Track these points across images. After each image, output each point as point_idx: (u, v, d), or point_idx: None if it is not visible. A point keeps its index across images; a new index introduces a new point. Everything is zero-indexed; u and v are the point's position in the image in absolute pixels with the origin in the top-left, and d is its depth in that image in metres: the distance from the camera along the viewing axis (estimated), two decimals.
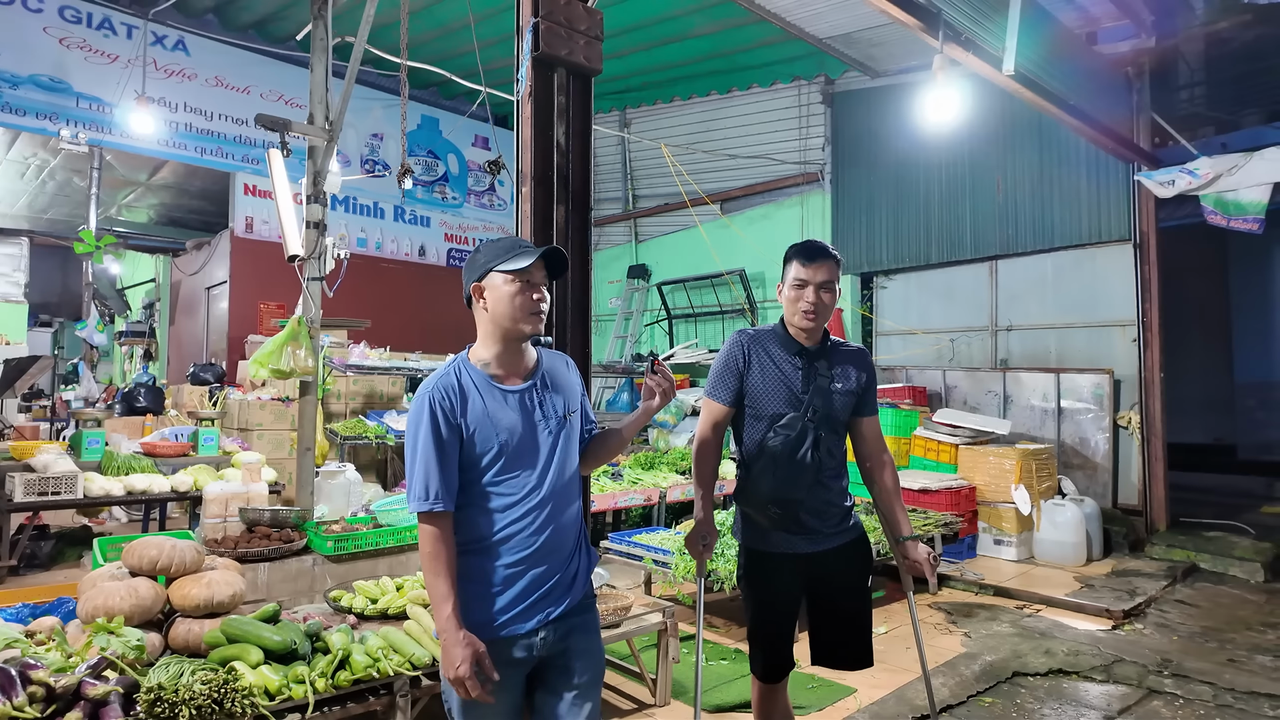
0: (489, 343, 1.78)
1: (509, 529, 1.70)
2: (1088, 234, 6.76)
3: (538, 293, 1.75)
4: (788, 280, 2.24)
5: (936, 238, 7.69)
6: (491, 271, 1.75)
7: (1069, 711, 3.33)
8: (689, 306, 10.17)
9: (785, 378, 2.22)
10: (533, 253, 1.74)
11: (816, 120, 8.70)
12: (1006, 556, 5.85)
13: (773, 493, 2.16)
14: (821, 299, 2.19)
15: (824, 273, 2.19)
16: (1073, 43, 6.00)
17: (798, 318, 2.21)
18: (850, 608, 2.34)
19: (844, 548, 2.28)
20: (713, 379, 2.31)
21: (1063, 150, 6.82)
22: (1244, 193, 5.97)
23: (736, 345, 2.28)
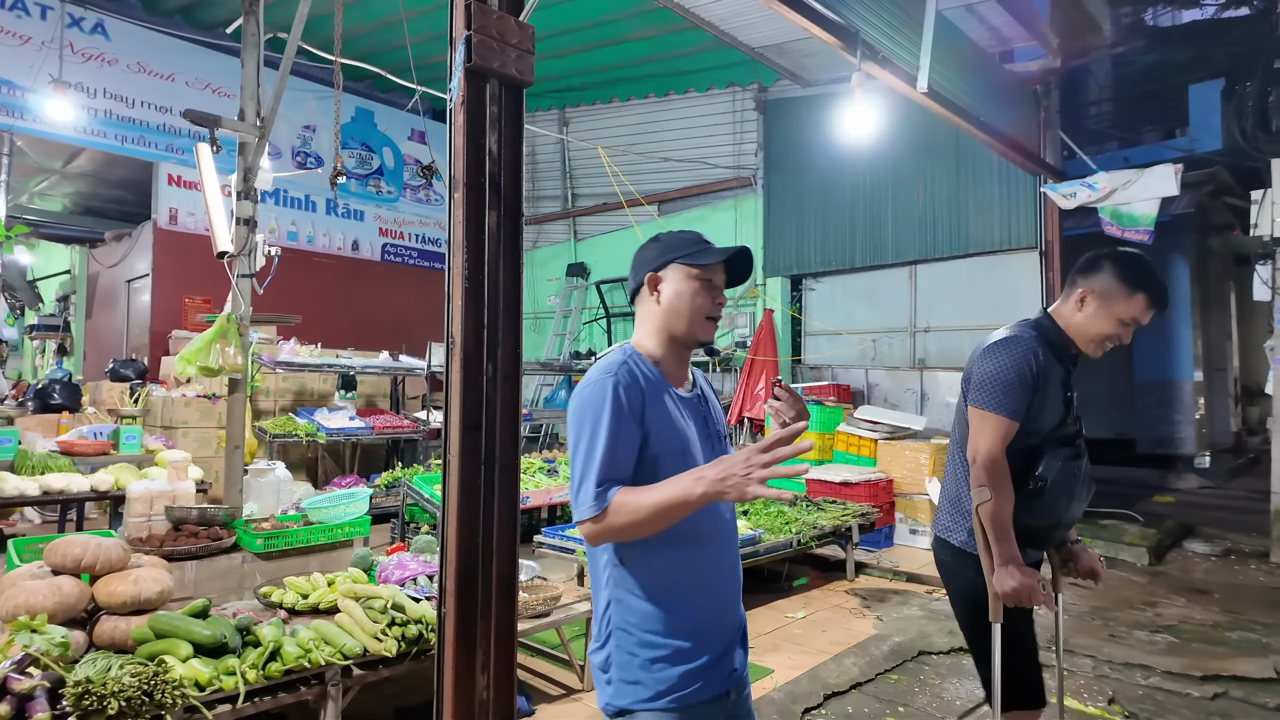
0: (656, 341, 1.57)
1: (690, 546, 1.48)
2: (999, 241, 7.20)
3: (719, 296, 1.57)
4: (1121, 311, 2.01)
5: (861, 242, 8.05)
6: (674, 263, 1.55)
7: (965, 685, 3.61)
8: (627, 305, 10.32)
9: (1063, 387, 2.07)
10: (722, 252, 1.55)
11: (750, 126, 8.96)
12: (921, 545, 6.20)
13: (1064, 513, 2.07)
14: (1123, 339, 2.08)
15: (1160, 312, 2.05)
16: (985, 61, 6.37)
17: (1102, 343, 2.07)
18: None
19: None
20: (1006, 388, 2.02)
21: (977, 162, 7.23)
22: (1136, 206, 6.45)
23: (1034, 351, 2.03)
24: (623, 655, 1.44)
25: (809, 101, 8.41)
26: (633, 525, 1.35)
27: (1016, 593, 1.94)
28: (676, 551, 1.46)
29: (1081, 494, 2.09)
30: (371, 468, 7.24)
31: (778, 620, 4.40)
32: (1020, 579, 1.94)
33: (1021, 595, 1.94)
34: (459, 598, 2.36)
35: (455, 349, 2.49)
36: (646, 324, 1.59)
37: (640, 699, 1.42)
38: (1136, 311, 2.01)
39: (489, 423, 2.51)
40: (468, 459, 2.43)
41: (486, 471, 2.49)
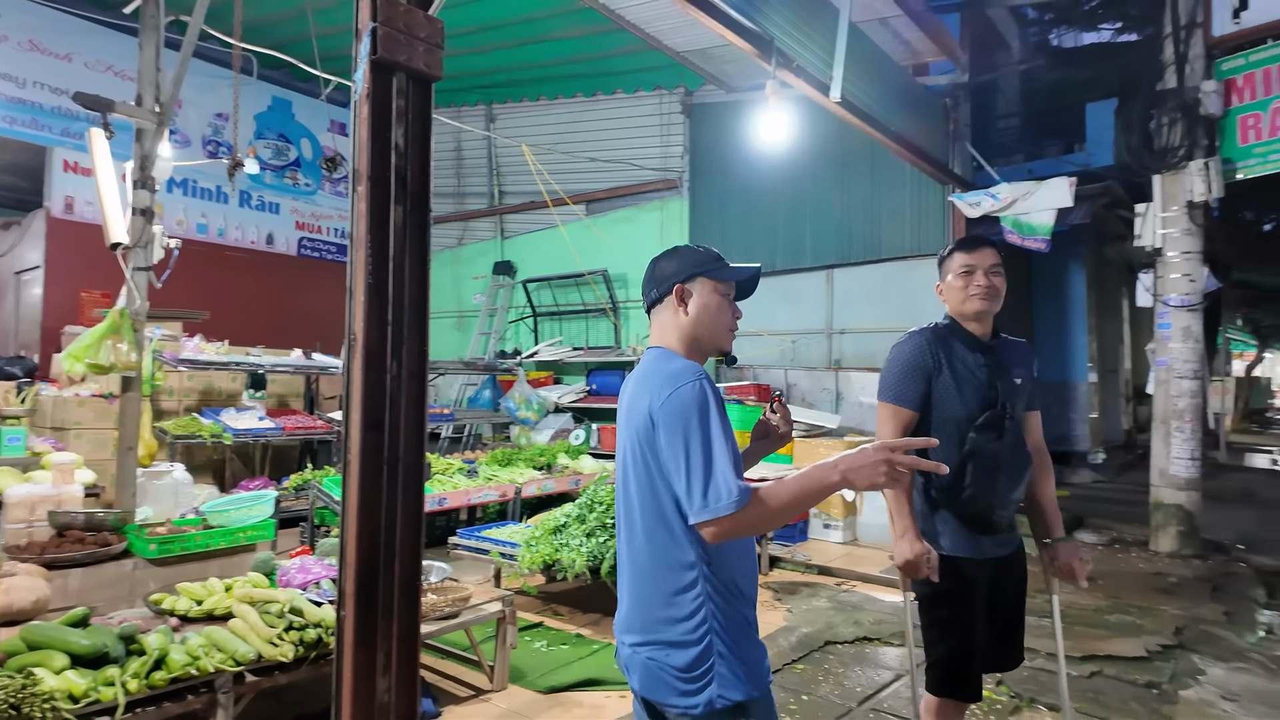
0: (684, 348, 1.64)
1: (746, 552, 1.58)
2: (910, 247, 7.50)
3: (738, 310, 1.69)
4: (952, 271, 2.20)
5: (782, 246, 8.26)
6: (701, 277, 1.62)
7: (868, 672, 3.76)
8: (554, 304, 10.29)
9: (976, 374, 2.17)
10: (746, 270, 1.67)
11: (676, 129, 9.07)
12: (834, 539, 6.40)
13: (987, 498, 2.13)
14: (993, 281, 2.16)
15: (990, 257, 2.18)
16: (897, 73, 6.63)
17: (973, 303, 2.17)
18: (1021, 606, 2.33)
19: (1020, 548, 2.32)
20: (895, 382, 2.21)
21: (891, 171, 7.51)
22: (1035, 216, 6.84)
23: (924, 343, 2.20)
24: (728, 652, 1.48)
25: (732, 106, 8.57)
26: (775, 516, 1.41)
27: (908, 563, 2.07)
28: (742, 553, 1.56)
29: (1009, 475, 2.16)
30: (284, 470, 7.00)
31: None
32: (910, 550, 2.07)
33: (909, 566, 2.07)
34: (359, 600, 2.32)
35: (356, 346, 2.44)
36: (671, 332, 1.64)
37: (751, 690, 1.48)
38: (962, 261, 2.19)
39: (393, 422, 2.47)
40: (369, 459, 2.39)
41: (389, 472, 2.46)
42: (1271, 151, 6.01)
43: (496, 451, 6.92)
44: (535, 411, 8.65)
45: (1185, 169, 6.09)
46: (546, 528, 4.37)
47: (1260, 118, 6.07)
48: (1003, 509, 2.19)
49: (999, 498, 2.16)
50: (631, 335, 9.46)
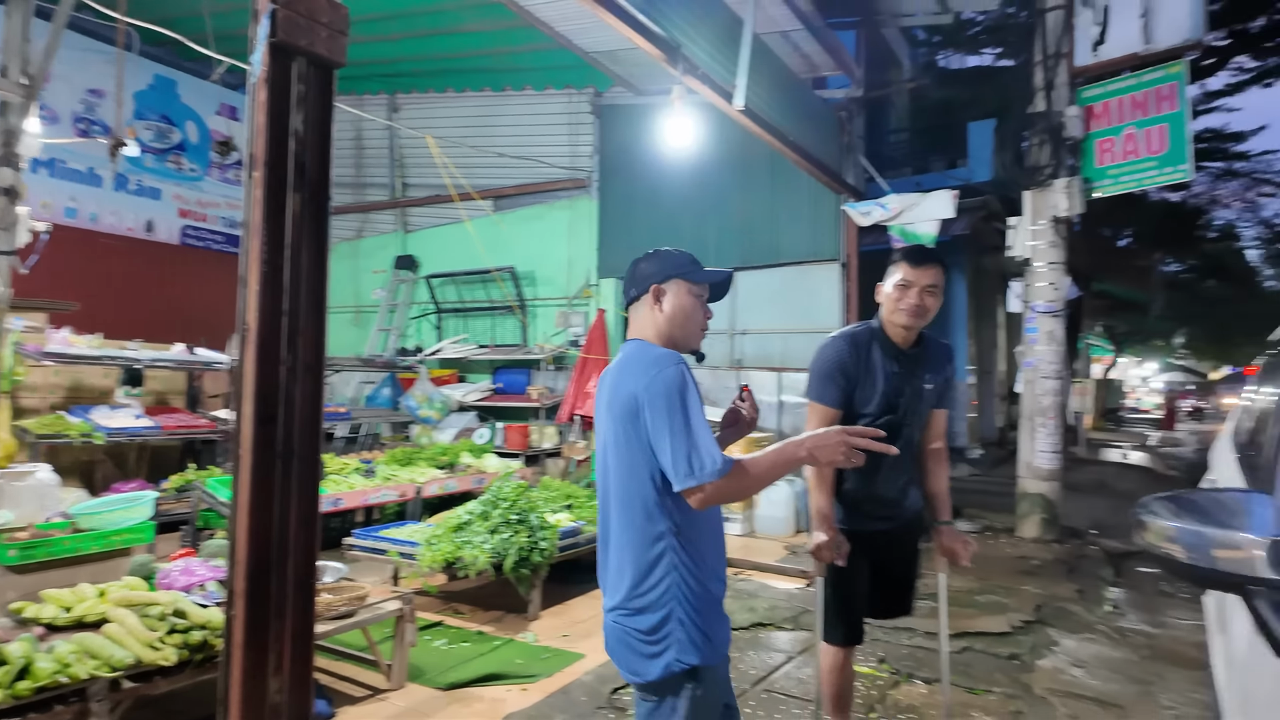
0: (659, 343, 1.76)
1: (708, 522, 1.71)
2: (807, 253, 7.84)
3: (709, 313, 1.83)
4: (892, 281, 2.32)
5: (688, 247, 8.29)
6: (676, 278, 1.77)
7: (761, 655, 3.93)
8: (459, 301, 10.12)
9: (886, 381, 2.36)
10: (719, 274, 1.83)
11: (586, 129, 9.11)
12: (733, 531, 6.61)
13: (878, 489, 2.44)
14: (925, 301, 2.29)
15: (930, 276, 2.28)
16: (797, 85, 6.92)
17: (899, 316, 2.31)
18: (911, 572, 2.67)
19: (910, 524, 2.58)
20: (816, 383, 2.40)
21: (790, 178, 7.80)
22: (920, 226, 7.28)
23: (844, 348, 2.37)
24: (688, 619, 1.62)
25: (641, 109, 8.68)
26: (754, 482, 1.61)
27: (817, 547, 2.38)
28: (710, 531, 1.72)
29: (887, 474, 2.43)
30: (164, 472, 6.57)
31: (594, 608, 4.54)
32: (818, 538, 2.37)
33: (818, 550, 2.38)
34: (250, 598, 2.26)
35: (250, 337, 2.38)
36: (648, 328, 1.79)
37: (708, 657, 1.63)
38: (904, 274, 2.32)
39: (287, 416, 2.42)
40: (262, 453, 2.33)
41: (283, 467, 2.40)
42: (1123, 173, 6.65)
43: (396, 451, 6.76)
44: (438, 410, 8.49)
45: (1052, 186, 6.65)
46: (448, 526, 4.33)
47: (1114, 142, 6.70)
48: (880, 498, 2.50)
49: (876, 490, 2.49)
50: (539, 333, 9.44)
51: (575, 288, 9.13)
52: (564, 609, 4.49)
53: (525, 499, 4.43)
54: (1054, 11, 6.87)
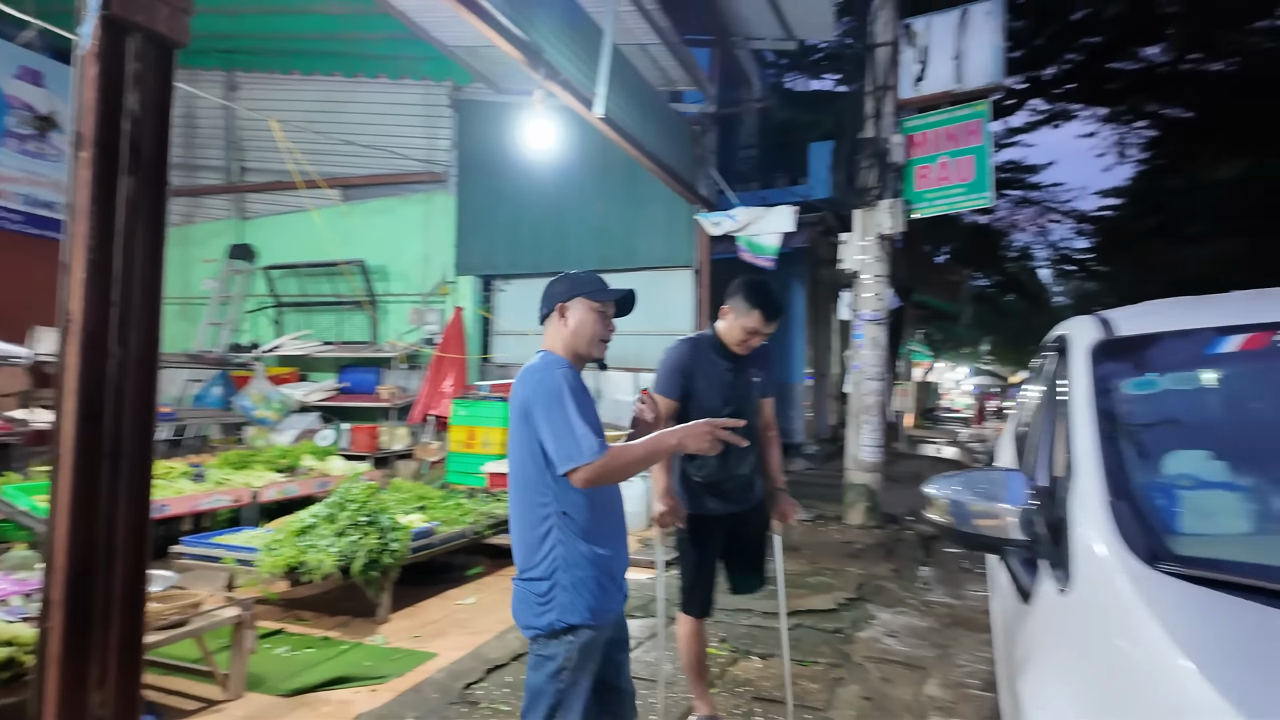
0: (566, 354, 2.08)
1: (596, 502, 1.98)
2: (663, 259, 8.15)
3: (611, 325, 2.14)
4: (744, 323, 2.72)
5: (548, 249, 8.52)
6: (580, 297, 2.07)
7: None
8: (302, 295, 9.59)
9: (721, 379, 2.78)
10: (617, 292, 2.12)
11: (444, 123, 8.95)
12: None
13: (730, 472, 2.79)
14: (759, 343, 2.80)
15: (773, 328, 2.76)
16: (654, 97, 7.20)
17: (738, 347, 2.78)
18: (761, 551, 3.07)
19: (758, 507, 2.96)
20: (661, 378, 2.77)
21: (647, 186, 8.07)
22: (764, 237, 7.80)
23: (686, 351, 2.81)
24: (570, 584, 1.92)
25: (503, 107, 8.66)
26: (630, 464, 1.91)
27: (662, 514, 2.73)
28: (601, 507, 2.00)
29: (734, 459, 2.80)
30: None
31: (447, 608, 4.52)
32: (659, 507, 2.73)
33: (661, 518, 2.73)
34: (69, 608, 2.13)
35: (73, 328, 2.24)
36: (556, 340, 2.10)
37: (586, 618, 1.92)
38: (756, 323, 2.73)
39: (115, 413, 2.29)
40: (85, 453, 2.20)
41: (111, 467, 2.27)
42: (937, 197, 7.47)
43: (229, 454, 6.34)
44: (276, 410, 8.01)
45: (878, 206, 7.35)
46: (291, 530, 4.16)
47: (930, 169, 7.51)
48: (729, 482, 2.86)
49: (725, 475, 2.85)
50: (390, 330, 9.15)
51: (431, 284, 8.94)
52: (415, 610, 4.43)
53: (376, 500, 4.34)
54: (882, 48, 7.59)
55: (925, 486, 1.91)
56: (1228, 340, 1.75)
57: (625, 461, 1.89)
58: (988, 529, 1.72)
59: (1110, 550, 1.28)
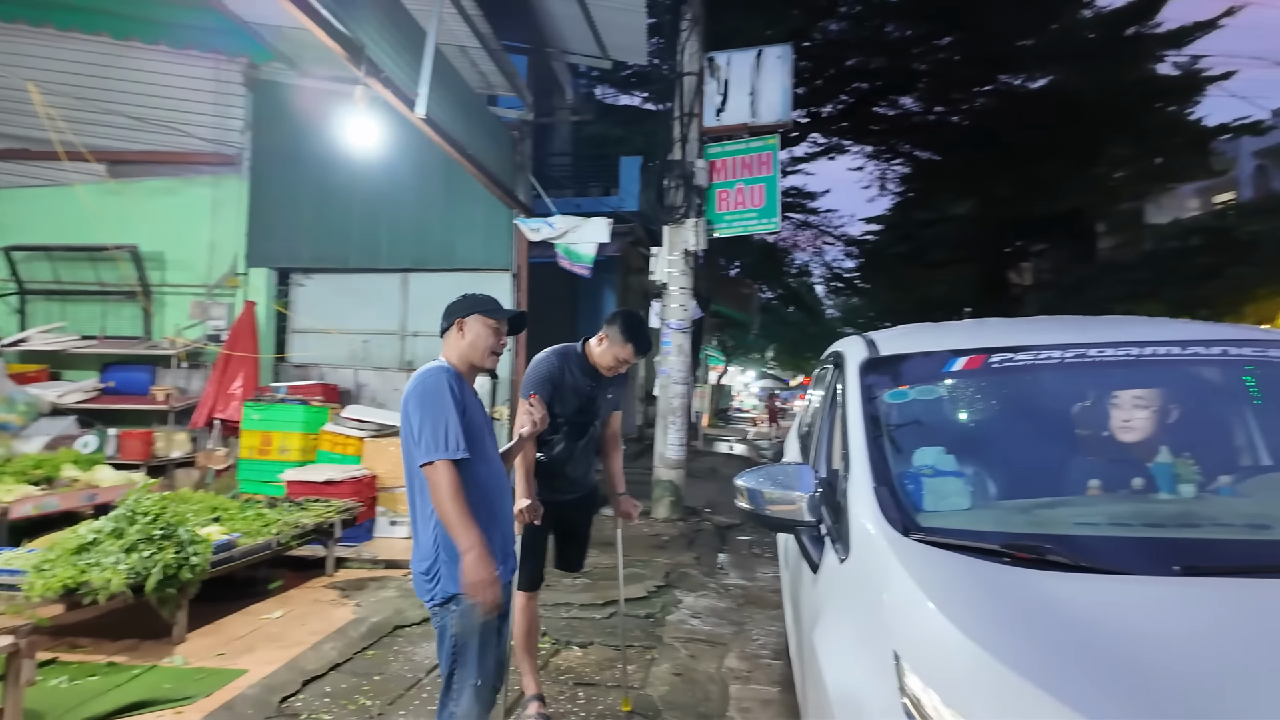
0: (459, 363, 2.38)
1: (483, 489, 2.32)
2: (482, 261, 8.16)
3: (502, 340, 2.43)
4: (617, 352, 3.02)
5: (357, 245, 8.17)
6: (477, 314, 2.38)
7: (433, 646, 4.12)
8: (55, 281, 8.38)
9: (581, 394, 3.05)
10: (509, 312, 2.43)
11: (236, 101, 8.25)
12: (399, 534, 6.61)
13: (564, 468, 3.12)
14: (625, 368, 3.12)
15: (639, 358, 3.07)
16: (475, 101, 7.22)
17: (608, 371, 3.07)
18: (583, 533, 3.42)
19: (588, 495, 3.33)
20: (532, 386, 2.97)
21: (465, 187, 8.01)
22: (581, 246, 8.07)
23: (555, 363, 3.03)
24: (450, 559, 2.23)
25: (310, 92, 8.16)
26: (441, 502, 2.18)
27: (519, 511, 2.92)
28: (477, 494, 2.27)
29: (579, 459, 3.17)
30: None
31: (253, 624, 4.28)
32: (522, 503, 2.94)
33: (520, 514, 2.92)
34: None
35: None
36: (453, 352, 2.41)
37: None
38: (628, 355, 3.06)
39: None
40: None
41: None
42: (735, 219, 8.22)
43: None
44: (20, 413, 6.97)
45: (685, 224, 7.93)
46: (66, 548, 3.72)
47: (728, 194, 8.24)
48: (570, 477, 3.21)
49: (568, 471, 3.19)
50: (168, 324, 8.27)
51: (218, 275, 8.21)
52: (216, 628, 4.15)
53: (173, 512, 4.01)
54: (689, 77, 8.20)
55: (736, 479, 2.26)
56: (957, 361, 2.27)
57: (443, 497, 2.17)
58: (785, 513, 2.10)
59: (875, 525, 1.66)
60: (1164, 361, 2.14)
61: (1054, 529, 1.59)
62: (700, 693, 3.62)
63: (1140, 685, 1.06)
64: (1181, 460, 1.83)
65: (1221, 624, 1.18)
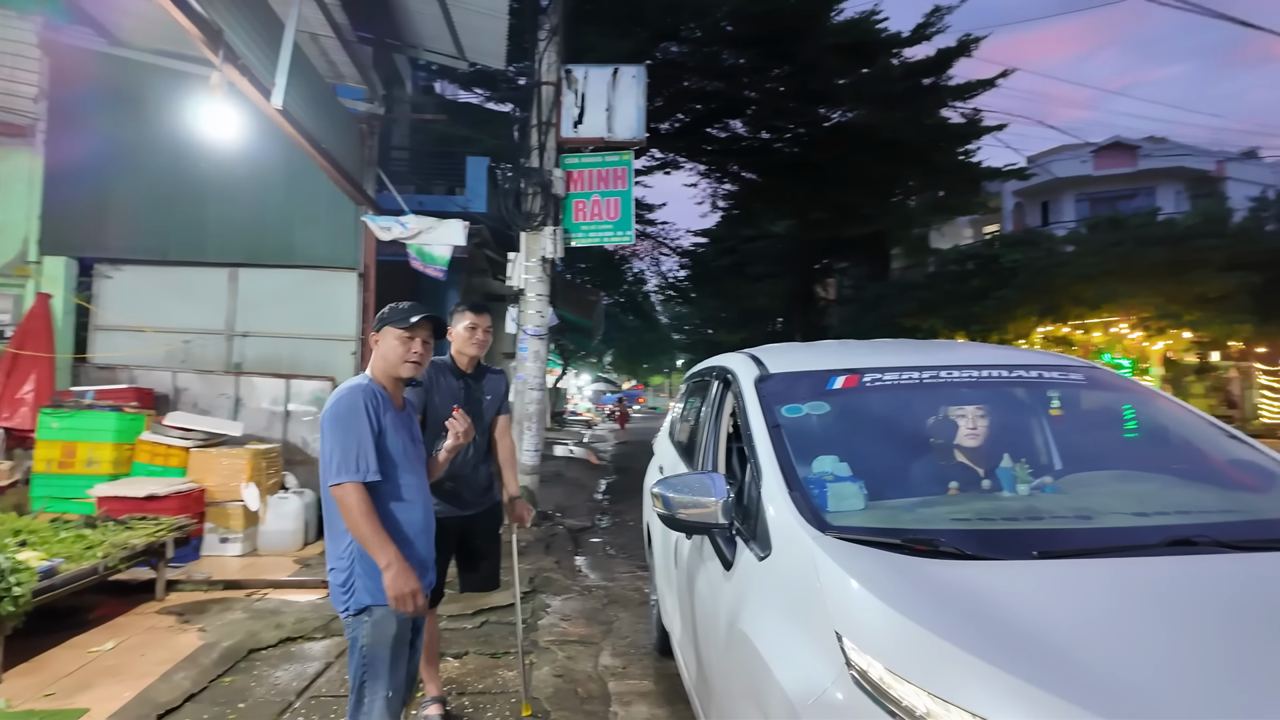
0: (381, 376, 2.43)
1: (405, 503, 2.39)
2: (324, 258, 7.72)
3: (418, 347, 2.42)
4: (462, 326, 3.13)
5: (180, 234, 7.43)
6: (388, 327, 2.41)
7: (298, 666, 3.95)
8: None
9: (455, 395, 3.08)
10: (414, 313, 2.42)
11: (29, 66, 7.19)
12: (232, 553, 6.13)
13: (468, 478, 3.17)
14: (486, 337, 3.18)
15: (487, 320, 3.17)
16: (326, 92, 6.86)
17: (470, 348, 3.16)
18: (492, 549, 3.44)
19: (492, 511, 3.36)
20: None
21: (308, 180, 7.54)
22: (435, 248, 7.90)
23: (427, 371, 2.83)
24: (364, 571, 2.28)
25: (127, 65, 7.31)
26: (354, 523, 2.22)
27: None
28: (399, 507, 2.36)
29: (474, 468, 3.21)
30: None
31: (81, 657, 3.83)
32: None
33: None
34: None
35: None
36: (376, 365, 2.45)
37: (379, 596, 2.27)
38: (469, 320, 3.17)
39: None
40: None
41: None
42: (591, 230, 8.42)
43: None
44: None
45: (543, 231, 8.02)
46: None
47: (585, 204, 8.43)
48: (468, 487, 3.18)
49: (464, 481, 3.20)
50: None
51: (3, 263, 7.12)
52: (38, 664, 3.67)
53: None
54: (547, 86, 8.30)
55: (652, 488, 2.45)
56: (837, 379, 2.62)
57: (355, 519, 2.21)
58: (698, 516, 2.32)
59: (797, 524, 1.92)
60: (997, 382, 2.62)
61: (938, 525, 1.93)
62: (583, 691, 3.77)
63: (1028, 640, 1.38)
64: (1019, 464, 2.27)
65: (1074, 594, 1.55)
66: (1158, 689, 1.24)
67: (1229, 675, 1.29)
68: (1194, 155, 25.43)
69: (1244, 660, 1.33)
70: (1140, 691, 1.23)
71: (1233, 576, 1.60)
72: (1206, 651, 1.35)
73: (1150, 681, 1.26)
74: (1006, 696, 1.25)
